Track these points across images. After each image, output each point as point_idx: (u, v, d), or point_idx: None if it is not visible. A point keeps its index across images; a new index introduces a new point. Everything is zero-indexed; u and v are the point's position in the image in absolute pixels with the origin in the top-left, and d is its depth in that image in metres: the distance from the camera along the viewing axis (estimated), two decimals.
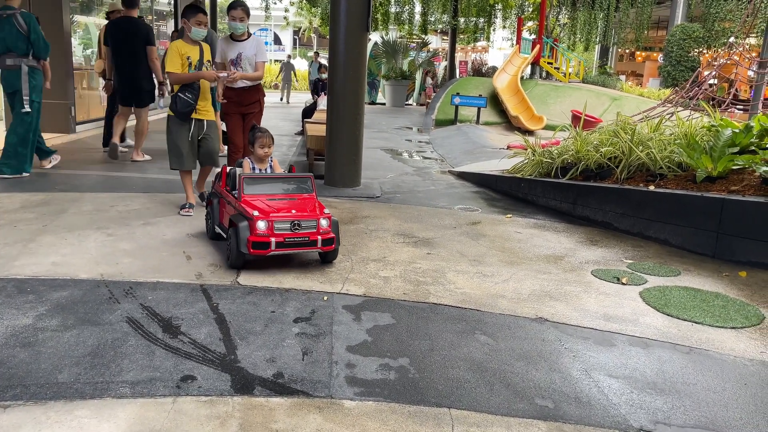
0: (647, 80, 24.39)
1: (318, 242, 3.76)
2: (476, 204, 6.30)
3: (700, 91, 11.23)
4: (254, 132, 4.37)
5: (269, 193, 3.97)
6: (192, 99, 4.98)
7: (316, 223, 3.76)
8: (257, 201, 3.85)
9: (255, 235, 3.63)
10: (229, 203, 4.05)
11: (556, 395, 2.53)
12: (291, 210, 3.77)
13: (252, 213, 3.68)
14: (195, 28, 5.03)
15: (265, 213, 3.69)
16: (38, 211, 4.90)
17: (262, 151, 4.33)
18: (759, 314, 3.47)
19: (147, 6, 13.49)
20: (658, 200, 4.92)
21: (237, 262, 3.76)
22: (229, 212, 3.99)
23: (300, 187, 4.11)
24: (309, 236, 3.73)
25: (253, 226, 3.64)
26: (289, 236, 3.69)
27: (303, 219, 3.73)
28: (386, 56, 20.97)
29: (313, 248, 3.79)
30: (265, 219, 3.65)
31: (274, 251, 3.67)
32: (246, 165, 4.34)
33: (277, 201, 3.90)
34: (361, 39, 6.47)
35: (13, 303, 3.13)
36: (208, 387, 2.44)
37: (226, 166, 4.44)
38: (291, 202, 3.91)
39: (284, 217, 3.70)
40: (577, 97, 15.40)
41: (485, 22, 22.34)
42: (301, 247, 3.77)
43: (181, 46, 5.02)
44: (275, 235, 3.65)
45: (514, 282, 3.87)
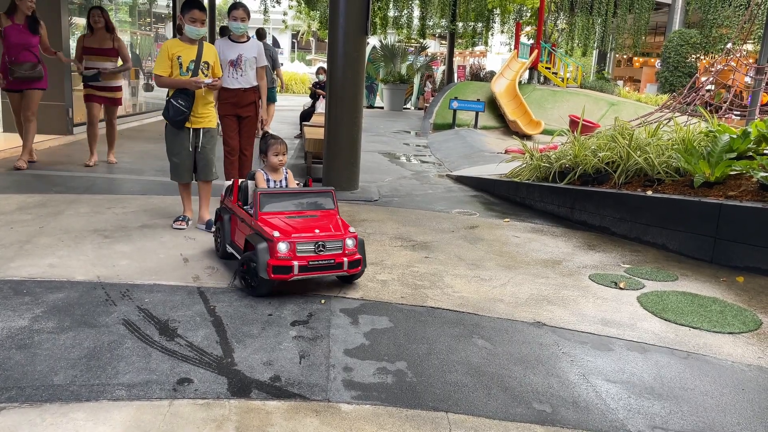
0: (645, 86, 24.46)
1: (344, 265, 3.42)
2: (474, 208, 6.30)
3: (697, 97, 11.26)
4: (266, 139, 4.04)
5: (288, 210, 3.61)
6: (185, 106, 4.56)
7: (342, 244, 3.42)
8: (276, 219, 3.50)
9: (276, 258, 3.28)
10: (243, 221, 3.73)
11: (553, 400, 2.53)
12: (314, 229, 3.42)
13: (272, 233, 3.32)
14: (189, 26, 4.57)
15: (287, 233, 3.33)
16: (35, 213, 4.89)
17: (276, 159, 3.97)
18: (756, 319, 3.47)
19: (145, 9, 13.50)
20: (656, 205, 4.93)
21: (262, 289, 3.38)
22: (244, 231, 3.67)
23: (321, 203, 3.73)
24: (334, 258, 3.39)
25: (274, 248, 3.28)
26: (313, 259, 3.34)
27: (328, 239, 3.38)
28: (385, 60, 20.99)
29: (339, 271, 3.45)
30: (286, 240, 3.30)
31: (296, 276, 3.33)
32: (260, 177, 3.96)
33: (298, 219, 3.54)
34: (359, 42, 6.47)
35: (9, 305, 3.12)
36: (204, 390, 2.43)
37: (237, 179, 4.06)
38: (312, 220, 3.55)
39: (307, 237, 3.35)
40: (574, 102, 15.44)
41: (483, 26, 22.38)
42: (326, 270, 3.41)
43: (171, 46, 4.59)
44: (298, 257, 3.31)
45: (512, 286, 3.87)
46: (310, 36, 36.27)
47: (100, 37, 6.99)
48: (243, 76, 5.47)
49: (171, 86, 4.59)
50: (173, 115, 4.58)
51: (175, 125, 4.64)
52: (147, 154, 8.27)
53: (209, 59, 4.72)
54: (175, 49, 4.57)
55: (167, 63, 4.55)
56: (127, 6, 12.53)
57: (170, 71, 4.55)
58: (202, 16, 4.58)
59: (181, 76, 4.56)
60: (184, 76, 4.57)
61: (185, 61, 4.58)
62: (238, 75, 5.45)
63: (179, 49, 4.58)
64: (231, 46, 5.45)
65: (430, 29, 22.31)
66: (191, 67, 4.59)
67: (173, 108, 4.57)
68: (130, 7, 12.62)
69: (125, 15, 12.60)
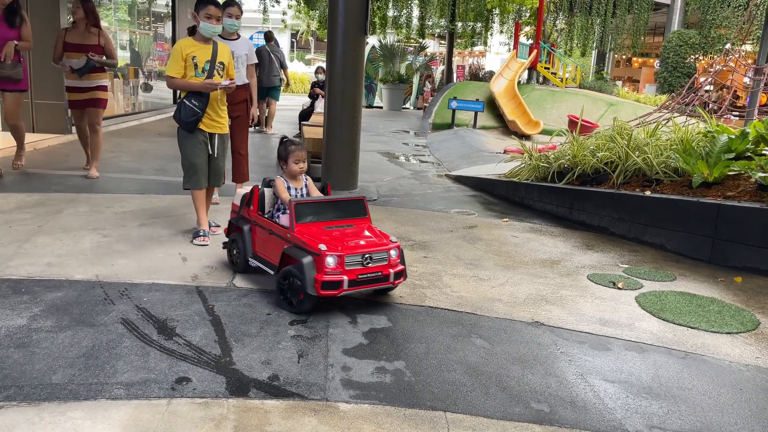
0: (643, 86, 24.48)
1: (390, 276, 3.27)
2: (473, 208, 6.30)
3: (696, 97, 11.27)
4: (286, 145, 3.79)
5: (324, 220, 3.41)
6: (199, 107, 4.28)
7: (387, 255, 3.28)
8: (315, 230, 3.31)
9: (324, 273, 3.10)
10: (272, 232, 3.50)
11: (551, 399, 2.53)
12: (358, 241, 3.26)
13: (318, 247, 3.13)
14: (204, 23, 4.27)
15: (334, 246, 3.16)
16: (34, 212, 4.89)
17: (297, 167, 3.75)
18: (754, 320, 3.47)
19: (145, 8, 13.49)
20: (654, 205, 4.93)
21: (305, 306, 3.19)
22: (275, 244, 3.45)
23: (353, 212, 3.54)
24: (381, 270, 3.24)
25: (321, 262, 3.09)
26: (361, 272, 3.17)
27: (375, 251, 3.23)
28: (384, 60, 20.98)
29: (386, 284, 3.30)
30: (334, 254, 3.12)
31: (345, 291, 3.16)
32: (280, 185, 3.70)
33: (335, 230, 3.36)
34: (358, 42, 6.47)
35: (8, 303, 3.11)
36: (203, 389, 2.43)
37: (257, 187, 3.77)
38: (350, 231, 3.39)
39: (355, 250, 3.18)
40: (573, 102, 15.44)
41: (483, 26, 22.37)
42: (374, 283, 3.25)
43: (186, 46, 4.31)
44: (347, 272, 3.14)
45: (511, 286, 3.87)
46: (309, 35, 36.26)
47: (82, 31, 6.22)
48: (235, 74, 5.45)
49: (184, 89, 4.33)
50: (185, 116, 4.29)
51: (188, 127, 4.33)
52: (146, 153, 8.27)
53: (224, 59, 4.47)
54: (189, 49, 4.30)
55: (180, 64, 4.27)
56: (126, 5, 12.52)
57: (183, 72, 4.29)
58: (217, 13, 4.32)
59: (196, 77, 4.31)
60: (199, 77, 4.31)
61: (200, 61, 4.31)
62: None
63: (194, 49, 4.31)
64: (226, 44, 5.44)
65: (429, 29, 22.30)
66: (206, 68, 4.33)
67: (185, 109, 4.28)
68: (129, 6, 12.62)
69: (125, 14, 12.60)
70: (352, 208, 3.54)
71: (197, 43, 4.34)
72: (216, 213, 5.24)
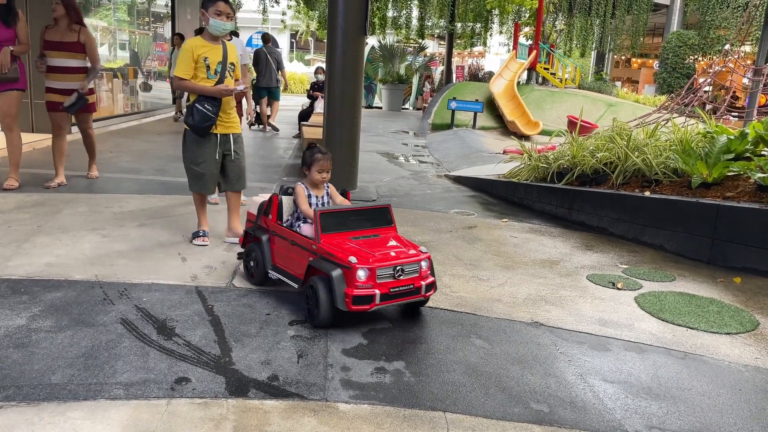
0: (643, 87, 24.50)
1: (422, 289, 3.11)
2: (472, 208, 6.30)
3: (695, 98, 11.28)
4: (313, 151, 3.58)
5: (349, 230, 3.24)
6: (212, 111, 4.06)
7: (419, 267, 3.11)
8: (341, 241, 3.15)
9: (355, 286, 2.93)
10: (294, 243, 3.33)
11: (551, 399, 2.53)
12: (389, 252, 3.09)
13: (348, 259, 2.96)
14: (213, 20, 4.05)
15: (365, 258, 2.98)
16: (33, 212, 4.88)
17: (319, 177, 3.56)
18: (753, 320, 3.48)
19: (144, 8, 13.49)
20: (654, 206, 4.93)
21: (326, 320, 3.03)
22: (297, 255, 3.29)
23: (379, 220, 3.37)
24: (413, 283, 3.07)
25: (352, 275, 2.92)
26: (393, 285, 3.00)
27: (406, 263, 3.06)
28: (383, 60, 21.00)
29: (417, 297, 3.12)
30: (365, 266, 2.94)
31: (378, 305, 3.00)
32: (301, 193, 3.53)
33: (361, 240, 3.19)
34: (358, 42, 6.48)
35: (7, 303, 3.11)
36: (202, 389, 2.43)
37: (276, 196, 3.59)
38: (378, 241, 3.21)
39: (387, 262, 3.01)
40: (573, 103, 15.45)
41: (482, 27, 22.40)
42: (406, 297, 3.08)
43: (196, 46, 4.07)
44: (378, 285, 2.97)
45: (510, 286, 3.88)
46: (309, 36, 36.29)
47: (63, 28, 5.69)
48: None
49: (196, 92, 4.10)
50: (199, 121, 4.06)
51: (201, 132, 4.12)
52: (145, 153, 8.27)
53: (233, 59, 4.26)
54: (200, 50, 4.06)
55: (191, 65, 4.05)
56: (126, 5, 12.52)
57: (193, 74, 4.07)
58: (227, 9, 4.08)
59: (208, 79, 4.10)
60: (211, 79, 4.11)
61: (212, 62, 4.09)
62: None
63: (205, 50, 4.08)
64: None
65: (428, 29, 22.32)
66: (219, 70, 4.12)
67: (199, 113, 4.05)
68: (128, 6, 12.61)
69: (124, 14, 12.60)
70: (378, 217, 3.38)
71: (207, 42, 4.12)
72: (214, 213, 5.24)
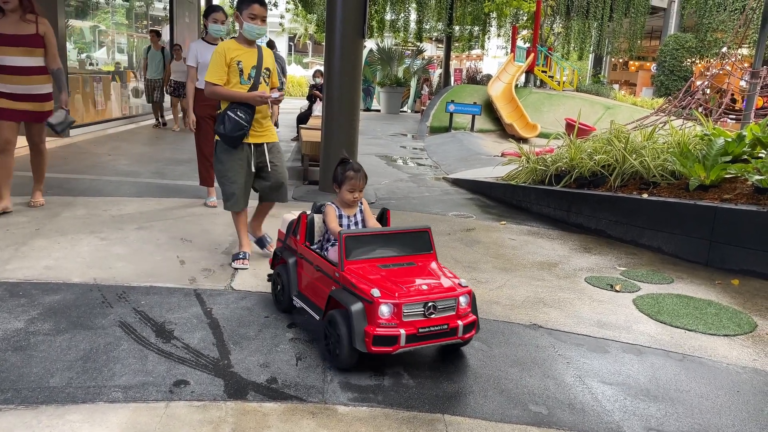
0: (640, 89, 24.55)
1: (458, 330, 2.66)
2: (470, 211, 6.31)
3: (693, 101, 11.31)
4: (345, 168, 3.22)
5: (380, 257, 2.82)
6: (245, 119, 3.76)
7: (456, 303, 2.67)
8: (367, 270, 2.74)
9: (377, 324, 2.53)
10: (318, 269, 2.96)
11: (549, 401, 2.53)
12: (420, 285, 2.67)
13: (370, 292, 2.56)
14: (248, 24, 3.75)
15: (390, 291, 2.58)
16: (31, 215, 4.88)
17: (351, 197, 3.18)
18: (751, 322, 3.48)
19: (142, 11, 13.49)
20: (652, 208, 4.94)
21: (348, 361, 2.64)
22: (321, 282, 2.93)
23: (415, 246, 2.92)
24: (448, 323, 2.63)
25: (374, 311, 2.53)
26: (422, 324, 2.58)
27: (440, 298, 2.62)
28: (381, 63, 21.03)
29: (452, 339, 2.68)
30: (390, 301, 2.54)
31: (403, 348, 2.57)
32: (331, 212, 3.16)
33: (393, 268, 2.78)
34: (356, 45, 6.49)
35: (5, 307, 3.11)
36: (201, 392, 2.43)
37: (305, 214, 3.24)
38: (412, 270, 2.81)
39: (416, 297, 2.59)
40: (570, 106, 15.48)
41: (480, 30, 22.43)
42: (437, 339, 2.65)
43: (230, 49, 3.78)
44: (404, 324, 2.55)
45: (509, 288, 3.88)
46: (307, 39, 36.34)
47: (16, 19, 4.83)
48: None
49: (228, 99, 3.80)
50: (231, 130, 3.75)
51: (232, 142, 3.81)
52: (143, 156, 8.28)
53: (269, 65, 3.96)
54: (234, 53, 3.77)
55: (223, 69, 3.75)
56: (124, 9, 12.53)
57: (226, 79, 3.78)
58: (263, 12, 3.80)
59: (241, 85, 3.80)
60: (244, 85, 3.81)
61: (246, 67, 3.80)
62: None
63: (239, 53, 3.79)
64: (209, 48, 5.44)
65: (426, 32, 22.37)
66: (253, 75, 3.83)
67: (231, 121, 3.74)
68: (126, 9, 12.62)
69: (122, 17, 12.61)
70: (415, 242, 2.93)
71: (241, 46, 3.82)
72: (213, 215, 5.25)
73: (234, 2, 19.36)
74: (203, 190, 5.80)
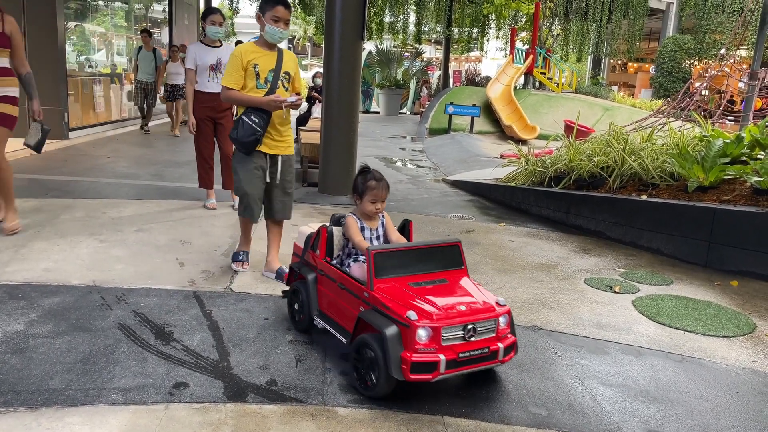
0: (639, 91, 24.57)
1: (499, 354, 2.49)
2: (470, 212, 6.31)
3: (691, 102, 11.33)
4: (366, 177, 3.03)
5: (410, 274, 2.63)
6: (259, 124, 3.59)
7: (496, 324, 2.50)
8: (398, 289, 2.54)
9: (414, 350, 2.33)
10: (344, 287, 2.75)
11: (549, 403, 2.53)
12: (458, 305, 2.48)
13: (406, 315, 2.36)
14: (271, 27, 3.60)
15: (427, 314, 2.38)
16: (30, 217, 4.88)
17: (372, 208, 2.99)
18: (750, 323, 3.49)
19: (141, 14, 13.50)
20: (650, 209, 4.95)
21: (384, 390, 2.44)
22: (346, 302, 2.72)
23: (446, 261, 2.74)
24: (488, 346, 2.45)
25: (411, 336, 2.33)
26: (462, 349, 2.39)
27: (480, 320, 2.44)
28: (380, 65, 21.06)
29: (492, 362, 2.50)
30: (428, 324, 2.35)
31: (442, 375, 2.37)
32: (353, 224, 2.96)
33: (425, 287, 2.57)
34: (355, 47, 6.50)
35: (5, 309, 3.11)
36: (200, 394, 2.43)
37: (324, 228, 3.02)
38: (445, 288, 2.61)
39: (455, 319, 2.40)
40: (569, 107, 15.50)
41: (479, 32, 22.46)
42: (478, 363, 2.46)
43: (247, 51, 3.62)
44: (443, 348, 2.36)
45: (508, 290, 3.88)
46: (306, 41, 36.35)
47: None
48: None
49: (243, 104, 3.65)
50: (243, 135, 3.59)
51: (245, 148, 3.64)
52: (142, 158, 8.28)
53: (290, 69, 3.76)
54: (251, 56, 3.62)
55: (240, 73, 3.60)
56: (123, 11, 12.54)
57: (243, 83, 3.63)
58: (287, 15, 3.66)
59: (257, 89, 3.64)
60: (261, 89, 3.64)
61: (263, 70, 3.64)
62: (218, 79, 5.44)
63: (256, 56, 3.64)
64: (207, 50, 5.46)
65: (425, 34, 22.39)
66: (270, 79, 3.66)
67: (244, 126, 3.59)
68: (126, 12, 12.63)
69: (121, 20, 12.62)
70: (445, 256, 2.74)
71: (260, 48, 3.68)
72: (212, 217, 5.25)
73: (231, 4, 19.41)
74: (202, 192, 5.80)
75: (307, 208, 5.85)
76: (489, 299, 2.56)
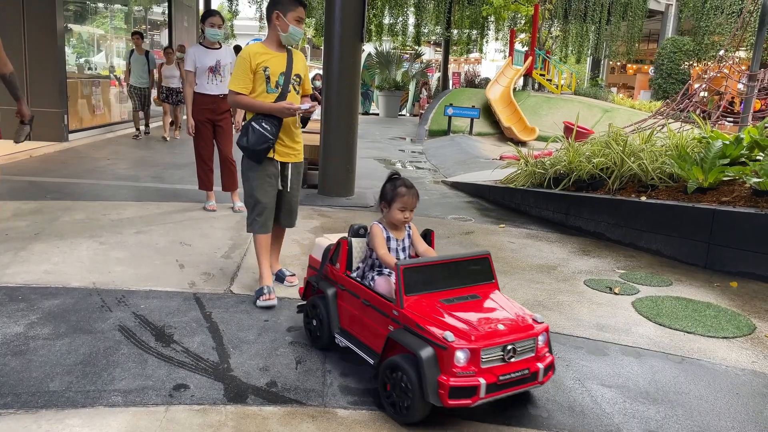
0: (638, 92, 24.61)
1: (539, 374, 2.34)
2: (469, 214, 6.31)
3: (690, 104, 11.34)
4: (395, 184, 2.88)
5: (440, 290, 2.47)
6: (271, 131, 3.36)
7: (535, 343, 2.36)
8: (429, 306, 2.38)
9: (452, 374, 2.17)
10: (369, 304, 2.59)
11: (549, 404, 2.54)
12: (495, 323, 2.34)
13: (443, 336, 2.20)
14: (294, 28, 3.39)
15: (465, 334, 2.23)
16: (30, 219, 4.88)
17: (401, 216, 2.84)
18: (750, 324, 3.49)
19: (141, 16, 13.51)
20: (650, 211, 4.95)
21: (419, 416, 2.28)
22: (372, 320, 2.56)
23: (475, 275, 2.59)
24: (528, 367, 2.30)
25: (448, 359, 2.18)
26: (502, 371, 2.24)
27: (519, 339, 2.29)
28: (380, 67, 21.07)
29: (532, 384, 2.36)
30: (467, 345, 2.19)
31: (482, 400, 2.21)
32: (378, 235, 2.79)
33: (457, 303, 2.43)
34: (355, 49, 6.50)
35: (5, 311, 3.11)
36: (200, 396, 2.43)
37: (345, 240, 2.86)
38: (479, 305, 2.47)
39: (494, 339, 2.25)
40: (569, 109, 15.52)
41: (478, 33, 22.50)
42: (518, 386, 2.31)
43: (256, 53, 3.39)
44: (483, 371, 2.21)
45: (508, 291, 3.88)
46: (306, 43, 36.37)
47: None
48: (222, 82, 5.45)
49: (253, 110, 3.43)
50: (255, 143, 3.34)
51: (256, 156, 3.40)
52: (142, 160, 8.28)
53: (300, 70, 3.55)
54: (260, 58, 3.38)
55: (248, 77, 3.37)
56: (123, 13, 12.54)
57: (252, 87, 3.40)
58: (305, 16, 3.50)
59: (268, 93, 3.41)
60: (271, 93, 3.42)
61: (274, 73, 3.41)
62: (218, 81, 5.45)
63: (266, 58, 3.40)
64: (207, 52, 5.46)
65: (425, 36, 22.43)
66: (281, 82, 3.44)
67: (255, 133, 3.34)
68: (125, 14, 12.64)
69: (120, 22, 12.62)
70: (475, 270, 2.60)
71: (270, 50, 3.44)
72: (212, 219, 5.25)
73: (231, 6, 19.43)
74: (202, 194, 5.80)
75: (307, 210, 5.85)
76: (526, 316, 2.42)
